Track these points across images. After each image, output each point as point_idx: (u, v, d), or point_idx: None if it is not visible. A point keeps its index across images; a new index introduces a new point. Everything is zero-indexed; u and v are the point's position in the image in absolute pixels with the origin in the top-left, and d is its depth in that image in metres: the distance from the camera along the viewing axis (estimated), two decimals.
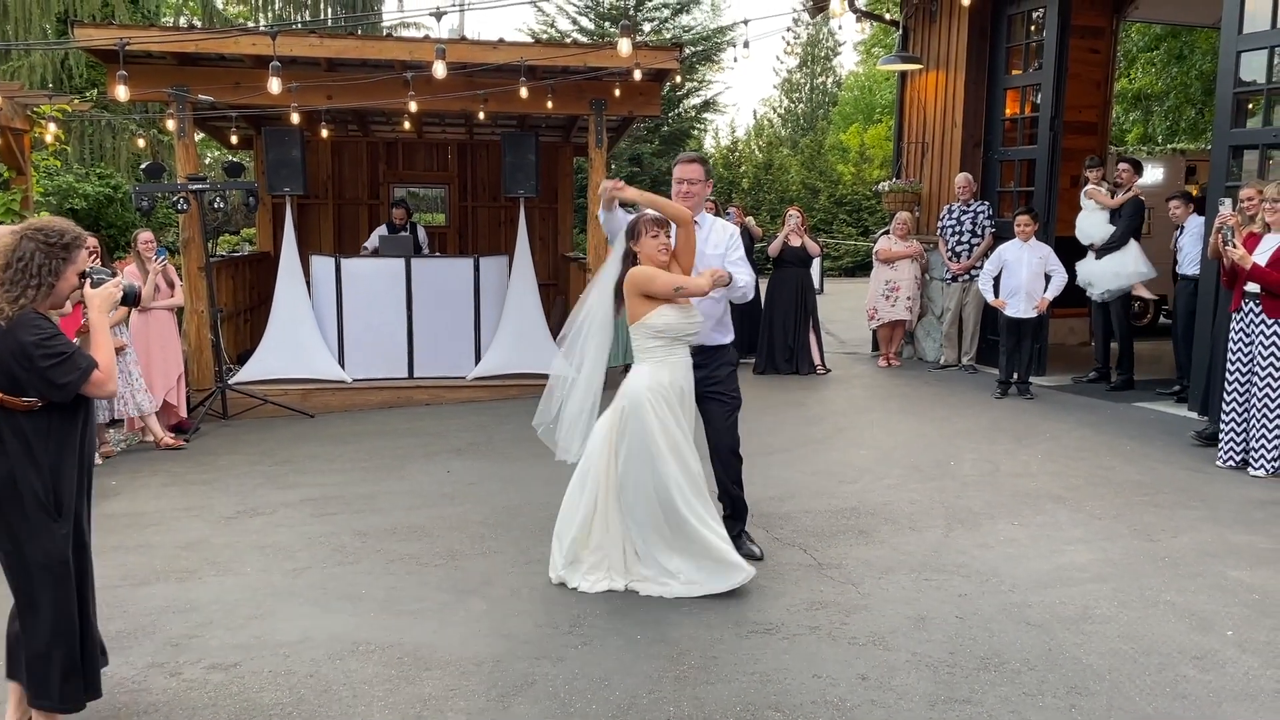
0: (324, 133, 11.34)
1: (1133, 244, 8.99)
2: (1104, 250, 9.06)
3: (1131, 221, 9.01)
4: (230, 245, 20.25)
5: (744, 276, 4.89)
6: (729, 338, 5.12)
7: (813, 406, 8.91)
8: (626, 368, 10.24)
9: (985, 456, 6.98)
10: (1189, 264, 8.48)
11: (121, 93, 7.71)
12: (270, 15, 21.43)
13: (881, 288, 10.71)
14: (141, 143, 15.35)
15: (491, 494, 6.34)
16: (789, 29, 36.12)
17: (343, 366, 9.66)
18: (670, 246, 4.65)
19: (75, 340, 3.29)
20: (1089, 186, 9.29)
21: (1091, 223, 9.23)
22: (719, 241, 5.08)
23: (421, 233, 11.59)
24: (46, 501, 3.20)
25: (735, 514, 5.08)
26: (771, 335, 10.52)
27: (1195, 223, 8.49)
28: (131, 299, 3.48)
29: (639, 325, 4.67)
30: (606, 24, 25.05)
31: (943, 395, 9.20)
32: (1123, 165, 9.28)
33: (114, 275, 3.45)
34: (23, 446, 3.17)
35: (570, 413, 4.77)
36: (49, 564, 3.22)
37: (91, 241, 7.74)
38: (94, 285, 3.37)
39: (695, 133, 28.52)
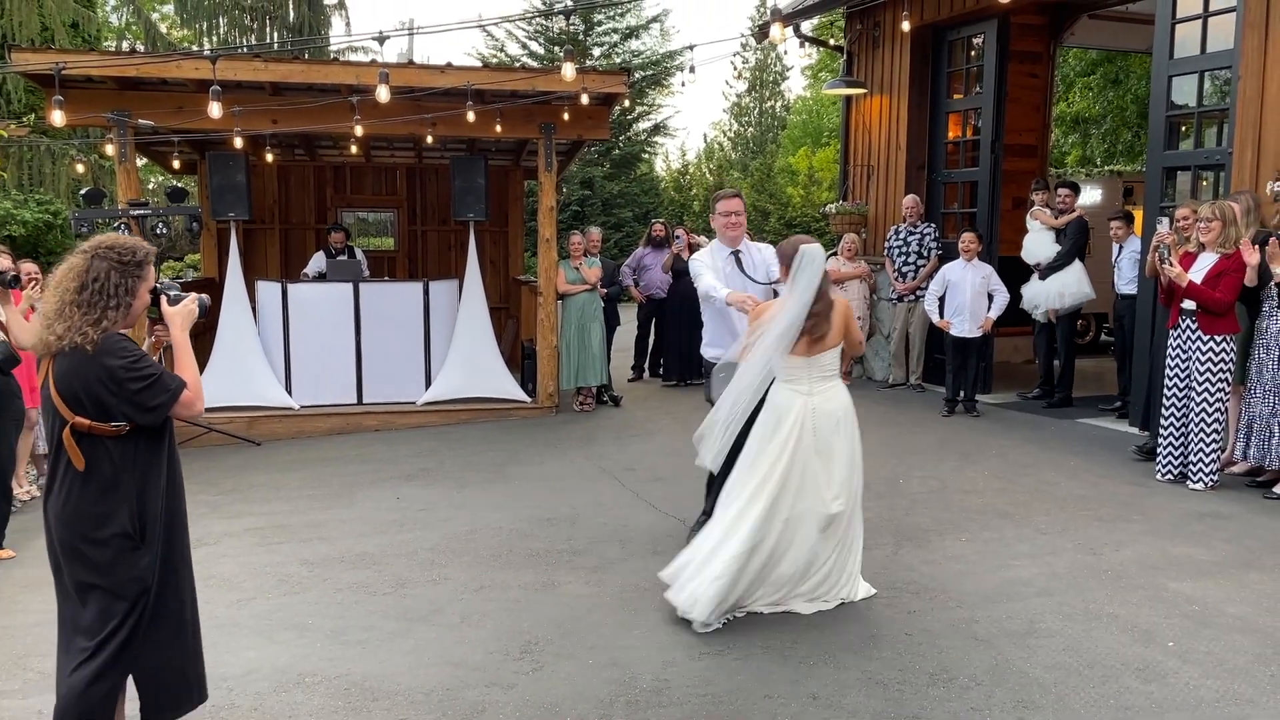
0: (269, 157, 11.23)
1: (1076, 264, 9.18)
2: (1049, 270, 9.25)
3: (1076, 240, 9.21)
4: (174, 271, 19.94)
5: None
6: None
7: None
8: (601, 389, 10.18)
9: (933, 474, 7.06)
10: (1127, 283, 8.68)
11: (58, 118, 7.58)
12: (215, 39, 21.25)
13: None
14: (81, 168, 15.09)
15: (441, 520, 6.28)
16: (737, 54, 36.57)
17: (290, 393, 9.52)
18: None
19: (158, 361, 3.25)
20: (1035, 208, 9.51)
21: (1037, 242, 9.45)
22: (763, 263, 5.45)
23: (359, 255, 11.48)
24: (131, 528, 3.11)
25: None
26: None
27: (1135, 243, 8.70)
28: (204, 313, 3.42)
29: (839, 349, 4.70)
30: (556, 49, 25.16)
31: (891, 414, 9.30)
32: (1063, 190, 9.49)
33: (182, 289, 3.38)
34: (110, 473, 3.09)
35: None
36: (129, 593, 3.12)
37: (30, 268, 7.60)
38: (171, 302, 3.29)
39: (646, 156, 28.70)
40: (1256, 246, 6.32)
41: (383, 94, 7.24)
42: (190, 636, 3.34)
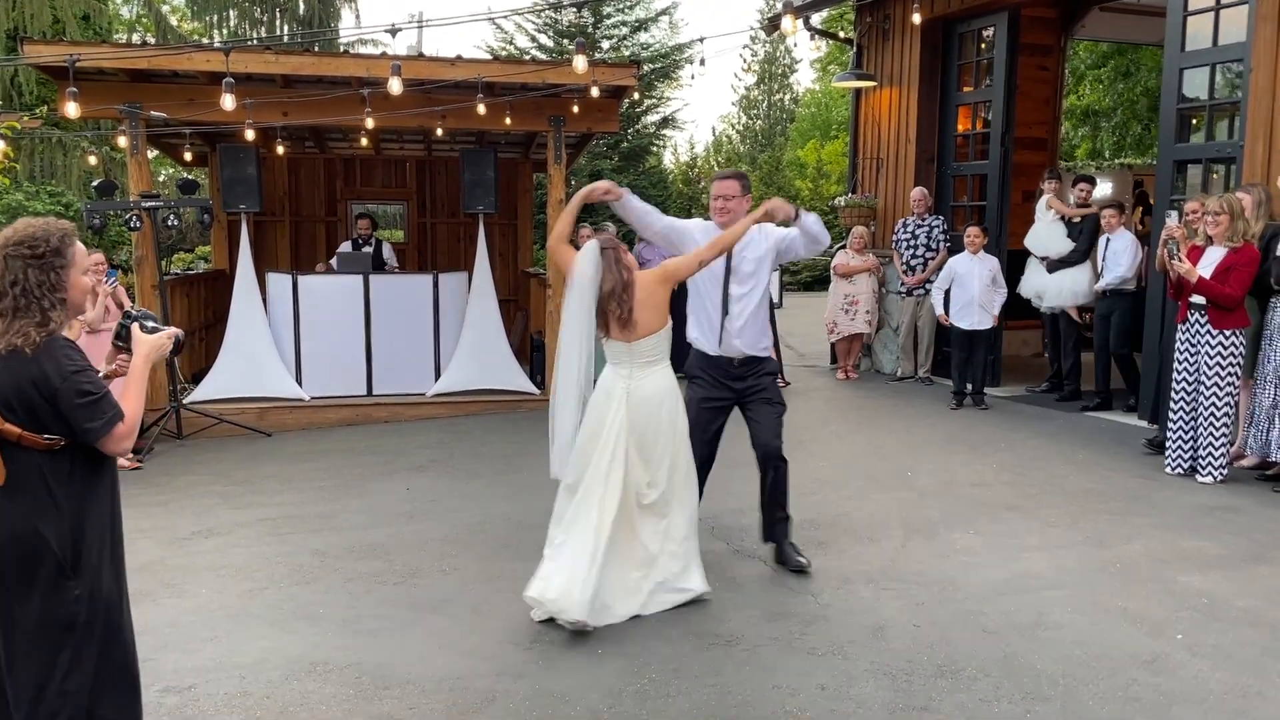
0: (280, 150, 11.26)
1: (1088, 263, 9.06)
2: (1059, 264, 9.15)
3: (1092, 239, 9.01)
4: (185, 263, 20.01)
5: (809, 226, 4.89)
6: (769, 349, 5.10)
7: None
8: None
9: (942, 467, 7.06)
10: (1115, 278, 8.43)
11: (71, 110, 7.61)
12: (225, 32, 21.28)
13: (841, 301, 10.82)
14: (93, 160, 15.14)
15: (452, 511, 6.31)
16: (746, 46, 36.50)
17: (300, 384, 9.57)
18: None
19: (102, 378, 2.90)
20: (1048, 196, 9.39)
21: (1050, 235, 9.25)
22: (758, 246, 4.97)
23: (388, 249, 11.48)
24: (63, 556, 2.75)
25: (782, 519, 5.07)
26: None
27: (1125, 236, 8.52)
28: (178, 350, 3.12)
29: (666, 330, 4.58)
30: (565, 41, 25.12)
31: (900, 407, 9.30)
32: (1082, 184, 9.35)
33: (160, 321, 3.12)
34: (42, 491, 2.74)
35: None
36: (52, 628, 2.76)
37: (97, 257, 7.61)
38: (146, 331, 2.99)
39: (655, 149, 28.66)
40: None
41: (395, 86, 7.26)
42: (134, 692, 2.98)
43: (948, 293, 9.14)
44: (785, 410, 5.05)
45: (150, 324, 3.03)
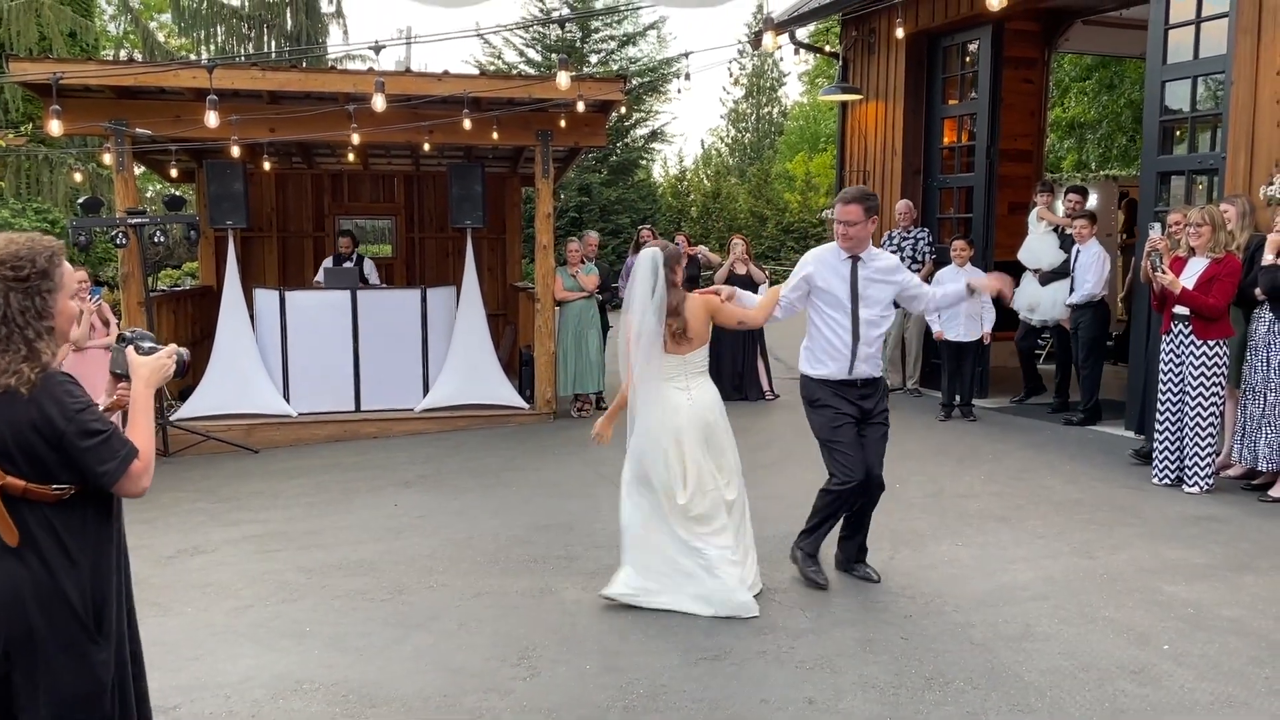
0: (267, 165, 11.26)
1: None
2: (1051, 276, 9.13)
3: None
4: (172, 280, 19.95)
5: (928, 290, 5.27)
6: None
7: (761, 432, 8.97)
8: (599, 396, 10.25)
9: (930, 478, 7.07)
10: (1085, 291, 8.46)
11: (55, 128, 7.61)
12: (214, 48, 21.27)
13: None
14: (79, 177, 15.10)
15: (439, 527, 6.29)
16: (734, 60, 36.67)
17: (288, 401, 9.54)
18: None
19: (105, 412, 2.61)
20: (1039, 208, 9.41)
21: (1042, 247, 9.24)
22: (883, 288, 4.99)
23: (369, 265, 11.49)
24: (85, 617, 2.47)
25: (861, 540, 5.23)
26: (719, 363, 10.54)
27: (1094, 247, 8.53)
28: (182, 370, 2.79)
29: (706, 348, 4.88)
30: (553, 55, 25.20)
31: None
32: (1073, 195, 9.37)
33: (156, 340, 2.78)
34: (56, 548, 2.43)
35: None
36: (80, 700, 2.47)
37: (79, 276, 7.57)
38: (143, 353, 2.67)
39: (644, 162, 28.74)
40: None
41: (379, 103, 7.27)
42: None
43: None
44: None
45: (147, 344, 2.71)
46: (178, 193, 13.63)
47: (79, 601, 2.45)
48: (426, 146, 10.14)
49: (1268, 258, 6.27)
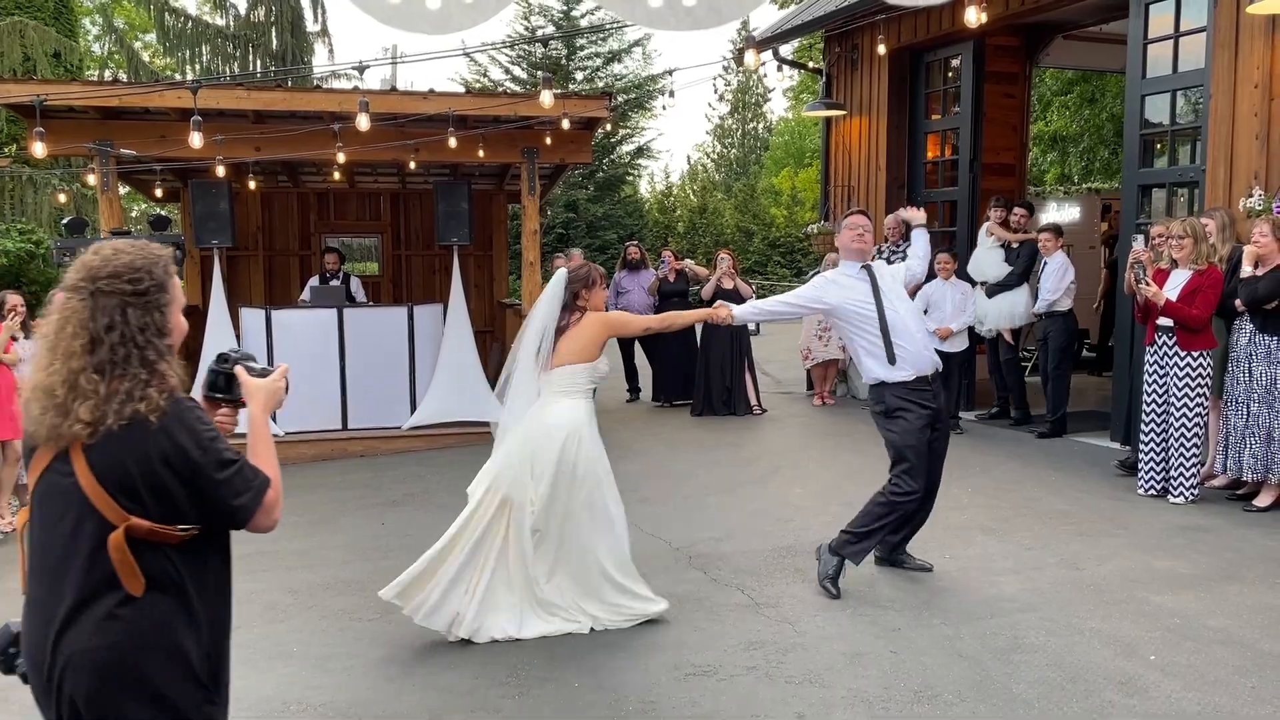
0: (252, 184, 11.25)
1: (1025, 286, 9.15)
2: (997, 289, 9.21)
3: (1029, 263, 9.11)
4: None
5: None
6: None
7: (750, 447, 8.98)
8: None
9: None
10: (1051, 301, 8.61)
11: (39, 150, 7.59)
12: (199, 67, 21.28)
13: (814, 328, 10.88)
14: (63, 197, 15.07)
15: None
16: (719, 76, 36.85)
17: (274, 419, 9.49)
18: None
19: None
20: (989, 224, 9.53)
21: (988, 260, 9.38)
22: (898, 278, 5.44)
23: (356, 283, 11.46)
24: (202, 671, 2.20)
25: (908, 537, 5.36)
26: (708, 377, 10.60)
27: (1059, 258, 8.65)
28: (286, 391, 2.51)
29: (589, 367, 4.74)
30: (539, 73, 25.31)
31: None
32: (1019, 210, 9.49)
33: (254, 360, 2.48)
34: (176, 595, 2.16)
35: None
36: None
37: (16, 300, 7.55)
38: (254, 374, 2.41)
39: (630, 178, 28.85)
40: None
41: (363, 122, 7.28)
42: None
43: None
44: None
45: (258, 366, 2.44)
46: (163, 212, 13.58)
47: (197, 659, 2.18)
48: (412, 164, 10.16)
49: (1246, 269, 6.33)
